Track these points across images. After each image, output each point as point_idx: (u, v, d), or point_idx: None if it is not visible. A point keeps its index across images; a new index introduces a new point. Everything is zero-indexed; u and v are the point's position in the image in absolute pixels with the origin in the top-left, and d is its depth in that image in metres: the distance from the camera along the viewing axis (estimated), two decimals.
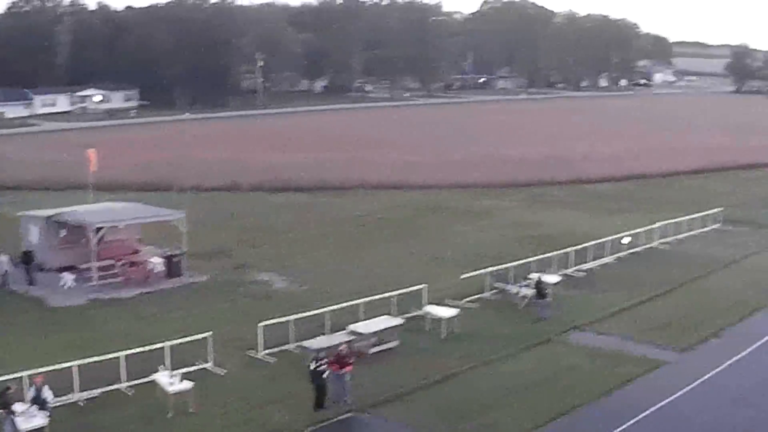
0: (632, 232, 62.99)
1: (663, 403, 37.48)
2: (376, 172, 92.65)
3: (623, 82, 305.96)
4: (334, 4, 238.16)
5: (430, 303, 47.76)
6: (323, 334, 42.73)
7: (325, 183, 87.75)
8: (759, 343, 44.90)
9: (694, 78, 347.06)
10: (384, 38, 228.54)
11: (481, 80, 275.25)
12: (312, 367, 35.89)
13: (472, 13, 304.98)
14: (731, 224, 72.55)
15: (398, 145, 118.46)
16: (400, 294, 47.19)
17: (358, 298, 46.51)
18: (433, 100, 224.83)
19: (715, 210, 72.72)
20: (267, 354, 41.40)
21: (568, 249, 57.77)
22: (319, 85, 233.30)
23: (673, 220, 67.37)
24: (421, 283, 49.23)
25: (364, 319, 44.00)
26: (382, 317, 44.35)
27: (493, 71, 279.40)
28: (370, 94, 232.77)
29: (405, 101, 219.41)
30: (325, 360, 36.21)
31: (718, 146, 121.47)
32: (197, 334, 40.58)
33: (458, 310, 46.13)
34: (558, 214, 76.81)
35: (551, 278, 51.92)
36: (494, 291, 51.68)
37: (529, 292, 49.67)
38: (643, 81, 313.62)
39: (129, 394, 36.99)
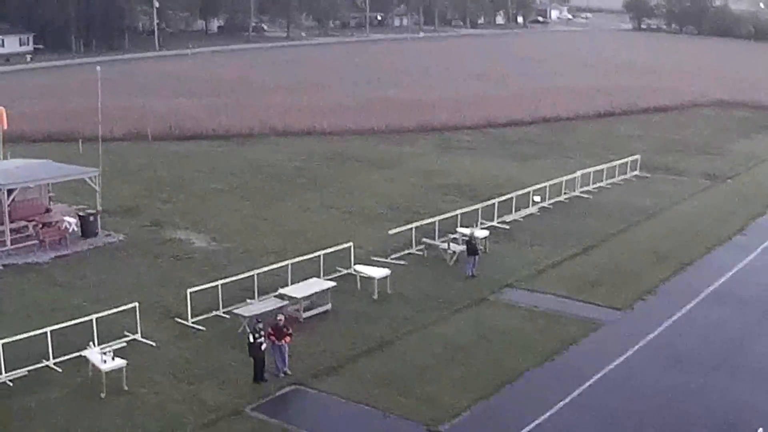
0: (553, 181, 62.31)
1: (609, 368, 36.81)
2: (280, 118, 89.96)
3: (520, 20, 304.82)
4: None
5: (357, 261, 46.42)
6: (250, 298, 41.44)
7: (229, 130, 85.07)
8: (695, 301, 44.49)
9: (589, 15, 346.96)
10: None
11: (378, 18, 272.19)
12: (251, 340, 34.37)
13: None
14: (649, 171, 72.43)
15: (299, 88, 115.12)
16: (326, 253, 45.77)
17: (281, 257, 45.41)
18: (329, 39, 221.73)
19: (633, 157, 72.33)
20: (196, 322, 39.66)
21: (492, 200, 56.66)
22: (215, 24, 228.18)
23: (592, 169, 66.92)
24: (342, 239, 48.21)
25: (293, 282, 42.45)
26: (313, 279, 42.94)
27: (390, 8, 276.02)
28: (266, 33, 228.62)
29: (302, 40, 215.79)
30: (263, 331, 34.63)
31: (619, 87, 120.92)
32: (121, 302, 39.05)
33: (389, 270, 44.74)
34: (470, 161, 75.80)
35: (479, 232, 50.87)
36: (422, 246, 50.27)
37: (459, 248, 48.48)
38: (541, 18, 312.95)
39: (59, 371, 35.01)
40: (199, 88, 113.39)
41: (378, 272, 44.28)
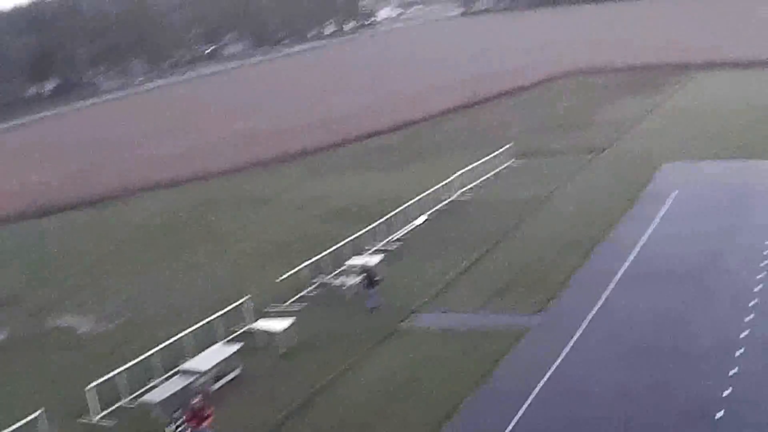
0: (431, 189, 60.63)
1: (546, 377, 35.10)
2: (137, 172, 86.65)
3: (350, 26, 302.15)
4: (47, 1, 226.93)
5: (254, 314, 44.12)
6: (152, 379, 38.88)
7: (94, 195, 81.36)
8: (611, 287, 43.12)
9: (419, 5, 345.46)
10: (106, 25, 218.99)
11: (207, 51, 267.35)
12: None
13: None
14: (525, 157, 71.38)
15: (145, 141, 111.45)
16: (222, 314, 43.19)
17: (176, 326, 42.64)
18: (162, 81, 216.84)
19: (506, 146, 71.17)
20: (102, 418, 36.71)
21: (376, 222, 54.75)
22: (49, 86, 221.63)
23: (467, 168, 65.26)
24: (234, 292, 46.28)
25: (194, 353, 39.87)
26: (215, 346, 40.32)
27: (220, 38, 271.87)
28: (101, 86, 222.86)
29: (136, 87, 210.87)
30: (182, 419, 32.02)
31: (471, 78, 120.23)
32: (19, 411, 36.19)
33: (292, 319, 42.29)
34: (343, 181, 73.70)
35: (373, 259, 48.76)
36: (315, 285, 48.04)
37: (353, 280, 46.37)
38: (367, 22, 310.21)
39: None
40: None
41: (280, 324, 41.81)
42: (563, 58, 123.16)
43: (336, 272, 48.34)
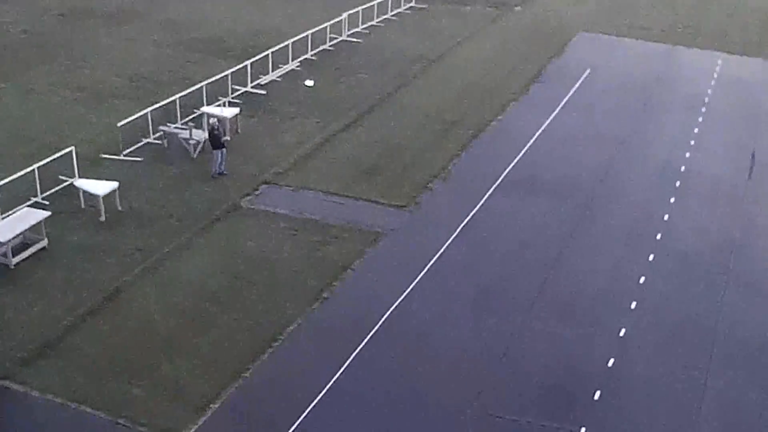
0: (319, 28, 53.39)
1: (396, 304, 29.30)
2: None
3: None
4: None
5: (86, 160, 37.55)
6: None
7: None
8: (493, 188, 37.13)
9: None
10: None
11: None
12: None
13: None
14: (426, 1, 64.03)
15: None
16: (40, 165, 35.71)
17: None
18: None
19: None
20: None
21: (246, 62, 47.60)
22: None
23: (362, 6, 58.04)
24: (70, 131, 39.78)
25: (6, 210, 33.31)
26: (23, 211, 33.27)
27: None
28: None
29: None
30: None
31: None
32: None
33: (116, 182, 35.40)
34: (225, 6, 64.59)
35: (229, 111, 41.93)
36: (159, 135, 41.19)
37: (203, 134, 39.73)
38: None
39: None
40: None
41: (103, 187, 34.97)
42: None
43: (187, 120, 41.48)
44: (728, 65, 54.88)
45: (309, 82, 47.00)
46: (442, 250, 32.52)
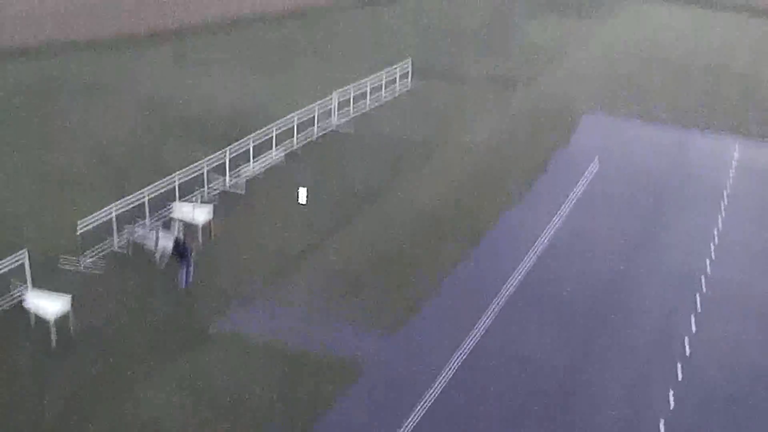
0: (304, 109, 49.46)
1: None
2: None
3: None
4: None
5: (41, 269, 33.26)
6: None
7: None
8: (483, 321, 32.70)
9: None
10: None
11: None
12: None
13: None
14: (423, 77, 60.41)
15: None
16: None
17: None
18: None
19: (403, 63, 59.93)
20: None
21: (224, 149, 43.46)
22: None
23: (353, 85, 54.12)
24: (23, 236, 35.28)
25: None
26: None
27: None
28: None
29: None
30: None
31: None
32: None
33: (69, 303, 31.03)
34: (209, 80, 60.53)
35: (201, 213, 37.74)
36: (123, 238, 37.00)
37: (168, 243, 35.45)
38: None
39: None
40: None
41: (53, 306, 30.79)
42: None
43: (155, 218, 37.54)
44: (747, 151, 51.04)
45: (302, 197, 41.52)
46: (432, 392, 28.20)
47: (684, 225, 40.82)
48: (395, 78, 57.87)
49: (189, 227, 35.55)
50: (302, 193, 39.59)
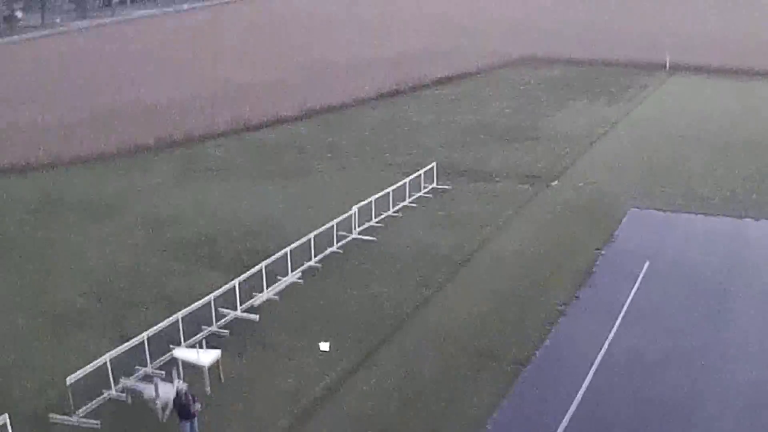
0: (324, 227, 45.21)
1: None
2: None
3: None
4: None
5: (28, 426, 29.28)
6: None
7: None
8: None
9: None
10: None
11: None
12: None
13: None
14: (449, 178, 56.30)
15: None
16: None
17: None
18: (86, 23, 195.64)
19: (428, 167, 55.79)
20: None
21: (232, 282, 38.84)
22: None
23: (375, 196, 49.82)
24: (8, 390, 31.77)
25: None
26: None
27: None
28: (20, 22, 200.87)
29: (56, 28, 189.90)
30: None
31: (402, 56, 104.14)
32: None
33: None
34: (218, 193, 56.58)
35: (207, 356, 33.17)
36: (120, 389, 32.57)
37: (170, 395, 30.83)
38: None
39: None
40: None
41: None
42: (523, 40, 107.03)
43: (158, 361, 33.55)
44: None
45: (324, 346, 36.40)
46: None
47: (752, 333, 35.88)
48: (420, 181, 53.56)
49: (195, 368, 31.12)
50: (324, 345, 35.15)
